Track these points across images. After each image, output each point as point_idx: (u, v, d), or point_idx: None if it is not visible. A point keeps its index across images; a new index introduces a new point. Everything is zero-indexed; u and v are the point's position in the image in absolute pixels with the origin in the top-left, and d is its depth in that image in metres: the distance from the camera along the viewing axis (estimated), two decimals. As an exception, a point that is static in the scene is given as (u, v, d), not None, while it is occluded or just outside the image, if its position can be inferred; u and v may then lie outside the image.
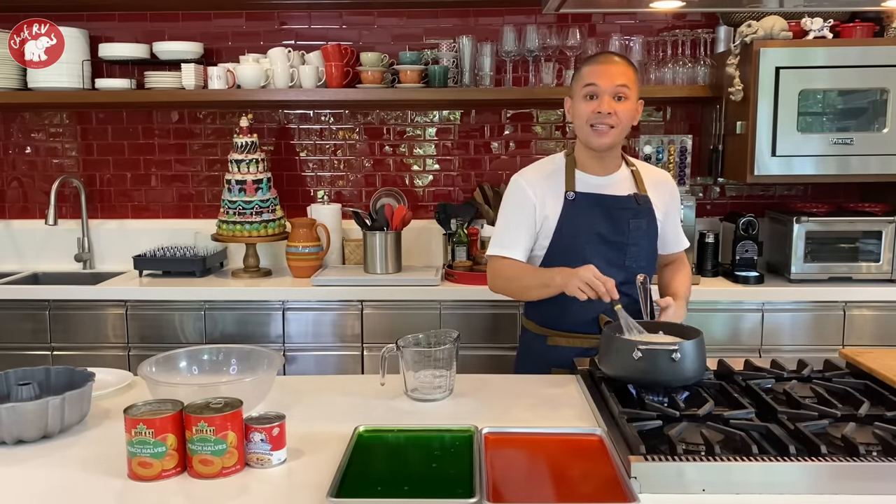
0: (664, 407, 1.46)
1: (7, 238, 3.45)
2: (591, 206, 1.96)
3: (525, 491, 1.22)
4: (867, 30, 2.82)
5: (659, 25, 3.28)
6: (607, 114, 1.88)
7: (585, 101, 1.92)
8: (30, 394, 1.53)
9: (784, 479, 1.21)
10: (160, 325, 2.89)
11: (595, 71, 1.91)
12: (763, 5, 2.77)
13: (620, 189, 2.00)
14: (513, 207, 2.00)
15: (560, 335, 1.99)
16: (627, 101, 1.90)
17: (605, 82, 1.89)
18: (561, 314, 1.97)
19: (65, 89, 3.14)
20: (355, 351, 2.89)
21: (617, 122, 1.90)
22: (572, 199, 1.96)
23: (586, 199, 1.96)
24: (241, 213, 3.04)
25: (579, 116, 1.94)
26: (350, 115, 3.40)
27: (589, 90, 1.90)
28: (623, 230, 1.96)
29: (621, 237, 1.96)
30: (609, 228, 1.95)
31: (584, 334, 1.96)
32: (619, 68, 1.91)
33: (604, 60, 1.93)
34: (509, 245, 1.98)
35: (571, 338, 1.98)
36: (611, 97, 1.89)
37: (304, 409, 1.61)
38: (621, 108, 1.89)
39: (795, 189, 3.37)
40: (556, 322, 1.99)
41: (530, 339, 2.07)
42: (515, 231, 1.98)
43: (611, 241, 1.95)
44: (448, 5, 3.28)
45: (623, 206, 1.97)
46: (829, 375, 1.70)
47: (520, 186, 2.00)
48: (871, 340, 2.81)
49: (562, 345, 1.98)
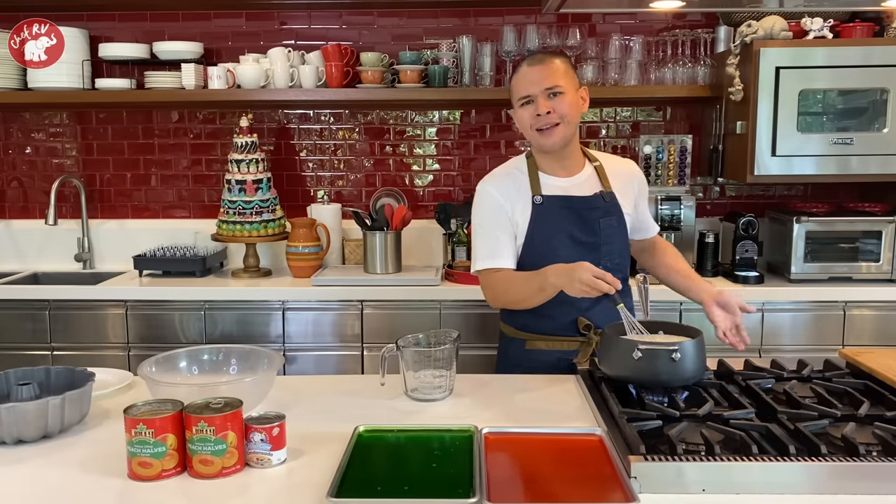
0: (664, 407, 1.46)
1: (7, 238, 3.45)
2: (560, 208, 1.93)
3: (525, 491, 1.22)
4: (867, 30, 2.82)
5: (659, 25, 3.28)
6: (546, 114, 1.87)
7: (524, 108, 1.91)
8: (30, 394, 1.53)
9: (784, 479, 1.21)
10: (160, 325, 2.90)
11: (523, 80, 1.90)
12: (763, 5, 2.77)
13: (586, 189, 1.98)
14: (488, 216, 1.95)
15: (539, 339, 1.96)
16: (564, 95, 1.88)
17: (534, 88, 1.88)
18: (539, 318, 1.94)
19: (65, 89, 3.14)
20: (355, 351, 2.89)
21: (559, 118, 1.88)
22: (540, 203, 1.93)
23: (554, 201, 1.94)
24: (241, 213, 3.04)
25: (522, 123, 1.93)
26: (350, 115, 3.40)
27: (523, 100, 1.90)
28: (594, 230, 1.94)
29: (594, 237, 1.94)
30: (581, 229, 1.93)
31: (564, 337, 1.94)
32: (546, 68, 1.89)
33: (530, 63, 1.91)
34: (498, 255, 1.92)
35: (551, 341, 1.95)
36: (545, 98, 1.87)
37: (304, 409, 1.61)
38: (559, 104, 1.88)
39: (795, 189, 3.37)
40: (535, 326, 1.96)
41: (508, 343, 2.04)
42: (500, 240, 1.93)
43: (584, 242, 1.93)
44: (448, 5, 3.28)
45: (591, 206, 1.95)
46: (829, 375, 1.70)
47: (489, 194, 1.95)
48: (871, 340, 2.81)
49: (541, 348, 1.96)
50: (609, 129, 3.39)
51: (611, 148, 3.39)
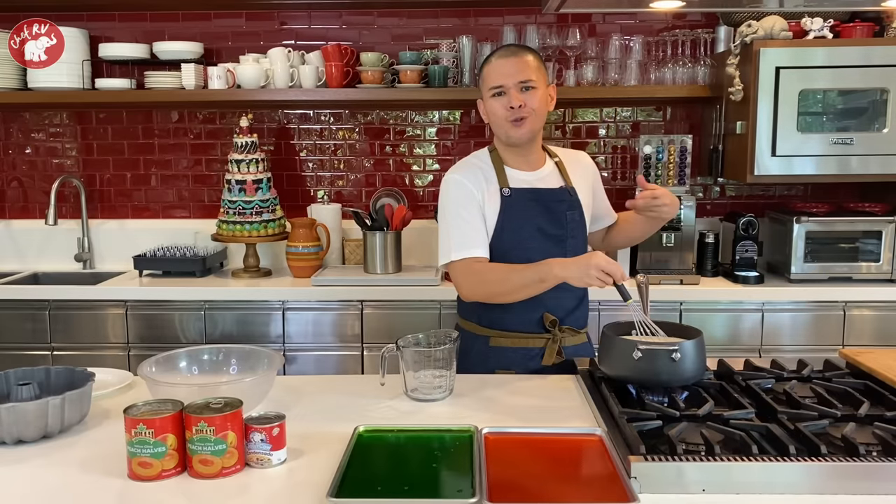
0: (664, 407, 1.46)
1: (7, 238, 3.45)
2: (529, 201, 1.94)
3: (525, 491, 1.22)
4: (867, 30, 2.82)
5: (659, 25, 3.28)
6: (519, 106, 1.87)
7: (495, 100, 1.91)
8: (30, 394, 1.53)
9: (784, 479, 1.21)
10: (160, 325, 2.90)
11: (497, 70, 1.90)
12: (763, 5, 2.77)
13: (550, 182, 1.99)
14: (461, 205, 1.91)
15: (503, 336, 1.94)
16: (536, 90, 1.89)
17: (508, 79, 1.88)
18: (504, 315, 1.93)
19: (65, 89, 3.14)
20: (355, 351, 2.89)
21: (530, 112, 1.89)
22: (509, 196, 1.93)
23: (522, 194, 1.94)
24: (241, 213, 3.04)
25: (493, 115, 1.93)
26: (350, 115, 3.40)
27: (496, 91, 1.90)
28: (562, 223, 1.95)
29: (561, 230, 1.95)
30: (548, 223, 1.94)
31: (529, 334, 1.94)
32: (520, 61, 1.89)
33: (503, 55, 1.92)
34: (474, 244, 1.88)
35: (515, 338, 1.94)
36: (517, 90, 1.88)
37: (304, 409, 1.61)
38: (531, 98, 1.89)
39: (795, 189, 3.37)
40: (500, 323, 1.94)
41: (470, 340, 1.98)
42: (475, 228, 1.89)
43: (551, 235, 1.94)
44: (448, 5, 3.28)
45: (558, 198, 1.96)
46: (829, 375, 1.70)
47: (460, 183, 1.92)
48: (871, 340, 2.82)
49: (505, 346, 1.94)
50: (609, 129, 3.39)
51: (611, 148, 3.39)
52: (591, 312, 2.81)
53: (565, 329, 1.95)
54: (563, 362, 1.93)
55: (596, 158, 3.37)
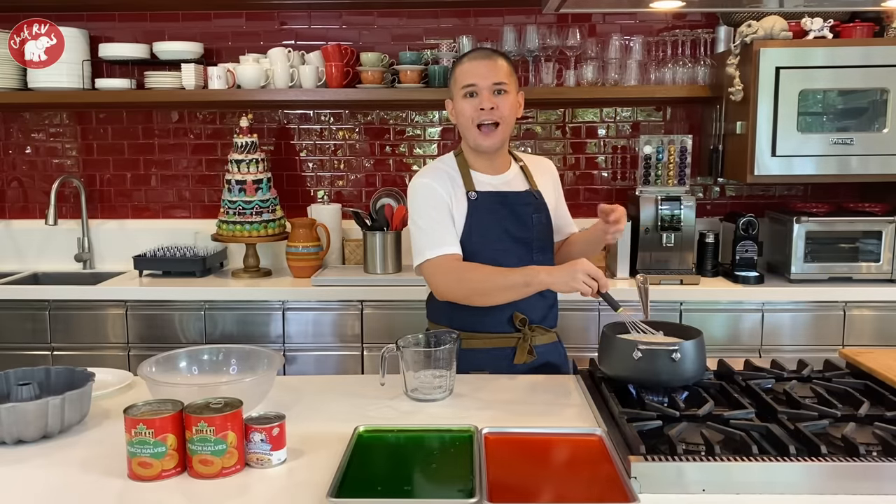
0: (664, 407, 1.46)
1: (7, 238, 3.46)
2: (495, 204, 1.94)
3: (525, 491, 1.22)
4: (867, 30, 2.82)
5: (659, 25, 3.28)
6: (490, 109, 1.87)
7: (466, 100, 1.90)
8: (30, 394, 1.53)
9: (784, 479, 1.21)
10: (160, 325, 2.90)
11: (471, 69, 1.90)
12: (763, 5, 2.77)
13: (516, 186, 1.99)
14: (431, 207, 1.89)
15: (475, 337, 1.93)
16: (507, 95, 1.89)
17: (482, 80, 1.88)
18: (475, 316, 1.91)
19: (65, 89, 3.14)
20: (355, 351, 2.89)
21: (500, 118, 1.89)
22: (475, 199, 1.93)
23: (488, 198, 1.94)
24: (241, 213, 3.04)
25: (463, 115, 1.92)
26: (350, 115, 3.40)
27: (468, 90, 1.89)
28: (528, 226, 1.95)
29: (528, 233, 1.95)
30: (515, 226, 1.94)
31: (500, 334, 1.93)
32: (494, 64, 1.89)
33: (477, 56, 1.91)
34: (448, 242, 1.87)
35: (486, 339, 1.93)
36: (490, 93, 1.88)
37: (304, 409, 1.61)
38: (503, 102, 1.88)
39: (795, 189, 3.37)
40: (472, 324, 1.93)
41: None
42: (446, 227, 1.88)
43: (518, 238, 1.94)
44: (448, 5, 3.28)
45: (524, 201, 1.96)
46: (829, 375, 1.70)
47: (429, 187, 1.91)
48: (871, 340, 2.81)
49: (476, 347, 1.93)
50: (609, 129, 3.39)
51: (611, 148, 3.39)
52: (591, 313, 2.83)
53: (535, 328, 1.95)
54: (534, 362, 1.93)
55: (596, 158, 3.39)
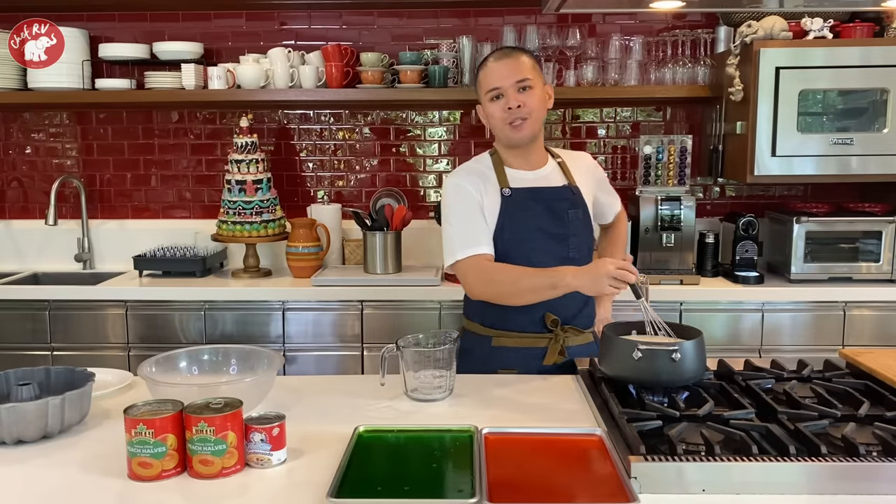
0: (664, 407, 1.46)
1: (7, 238, 3.45)
2: (529, 200, 1.94)
3: (525, 491, 1.22)
4: (867, 30, 2.82)
5: (659, 25, 3.28)
6: (517, 107, 1.88)
7: (493, 103, 1.92)
8: (30, 394, 1.53)
9: (784, 479, 1.21)
10: (160, 325, 2.89)
11: (492, 73, 1.91)
12: (763, 5, 2.77)
13: (553, 181, 1.99)
14: (463, 206, 1.92)
15: (506, 336, 1.95)
16: (533, 90, 1.90)
17: (505, 81, 1.89)
18: (507, 315, 1.93)
19: (65, 89, 3.14)
20: (355, 351, 2.89)
21: (528, 113, 1.89)
22: (509, 196, 1.93)
23: (523, 193, 1.94)
24: (241, 213, 3.04)
25: (493, 118, 1.93)
26: (350, 115, 3.40)
27: (493, 93, 1.91)
28: (564, 221, 1.95)
29: (563, 229, 1.95)
30: (550, 221, 1.94)
31: (531, 334, 1.94)
32: (515, 62, 1.90)
33: (498, 58, 1.92)
34: (479, 242, 1.88)
35: (518, 338, 1.94)
36: (515, 91, 1.89)
37: (304, 409, 1.61)
38: (529, 98, 1.89)
39: (795, 189, 3.37)
40: (502, 323, 1.95)
41: (473, 340, 2.00)
42: (479, 227, 1.90)
43: (553, 234, 1.94)
44: (448, 5, 3.28)
45: (560, 197, 1.97)
46: (829, 375, 1.70)
47: (460, 186, 1.94)
48: (871, 340, 2.81)
49: (507, 346, 1.94)
50: (609, 129, 3.39)
51: (611, 148, 3.39)
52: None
53: (568, 329, 1.95)
54: (565, 362, 1.93)
55: (596, 158, 3.36)
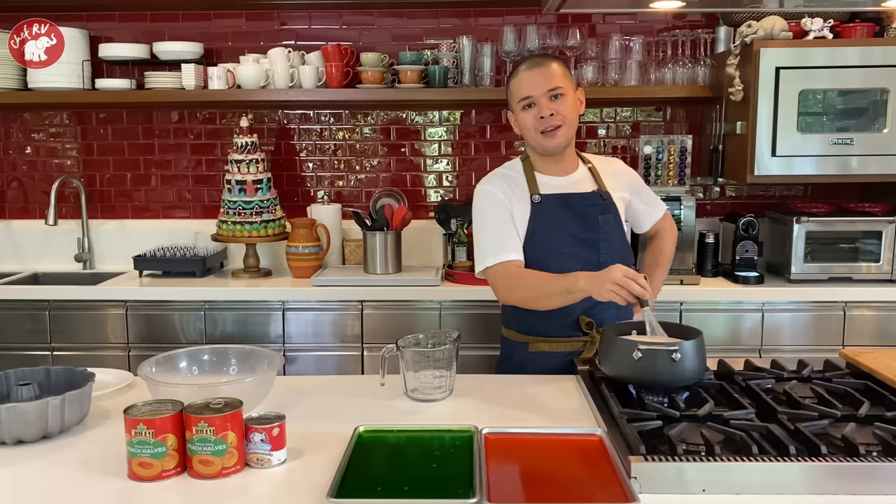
0: (664, 407, 1.46)
1: (7, 238, 3.45)
2: (559, 206, 1.95)
3: (525, 491, 1.22)
4: (867, 30, 2.82)
5: (659, 25, 3.28)
6: (550, 115, 1.89)
7: (525, 112, 1.92)
8: (30, 394, 1.53)
9: (784, 479, 1.21)
10: (160, 325, 2.89)
11: (523, 83, 1.91)
12: (763, 5, 2.77)
13: (583, 187, 2.00)
14: (493, 213, 1.95)
15: (542, 341, 1.96)
16: (565, 97, 1.91)
17: (536, 90, 1.89)
18: (541, 320, 1.94)
19: (65, 89, 3.14)
20: (355, 351, 2.89)
21: (562, 120, 1.90)
22: (539, 202, 1.94)
23: (552, 200, 1.95)
24: (241, 213, 3.04)
25: (526, 128, 1.94)
26: (350, 115, 3.40)
27: (525, 102, 1.91)
28: (594, 227, 1.95)
29: (593, 234, 1.95)
30: (580, 227, 1.94)
31: (567, 338, 1.94)
32: (547, 70, 1.90)
33: (529, 66, 1.93)
34: (509, 248, 1.91)
35: (554, 343, 1.95)
36: (547, 100, 1.89)
37: (304, 409, 1.61)
38: (561, 106, 1.90)
39: (795, 189, 3.36)
40: (538, 328, 1.96)
41: (511, 347, 2.04)
42: (508, 233, 1.92)
43: (583, 240, 1.94)
44: (448, 5, 3.28)
45: (590, 202, 1.97)
46: (830, 376, 1.70)
47: (490, 193, 1.96)
48: (871, 340, 2.81)
49: (544, 350, 1.96)
50: (609, 130, 3.38)
51: (611, 148, 3.39)
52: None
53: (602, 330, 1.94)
54: None
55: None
